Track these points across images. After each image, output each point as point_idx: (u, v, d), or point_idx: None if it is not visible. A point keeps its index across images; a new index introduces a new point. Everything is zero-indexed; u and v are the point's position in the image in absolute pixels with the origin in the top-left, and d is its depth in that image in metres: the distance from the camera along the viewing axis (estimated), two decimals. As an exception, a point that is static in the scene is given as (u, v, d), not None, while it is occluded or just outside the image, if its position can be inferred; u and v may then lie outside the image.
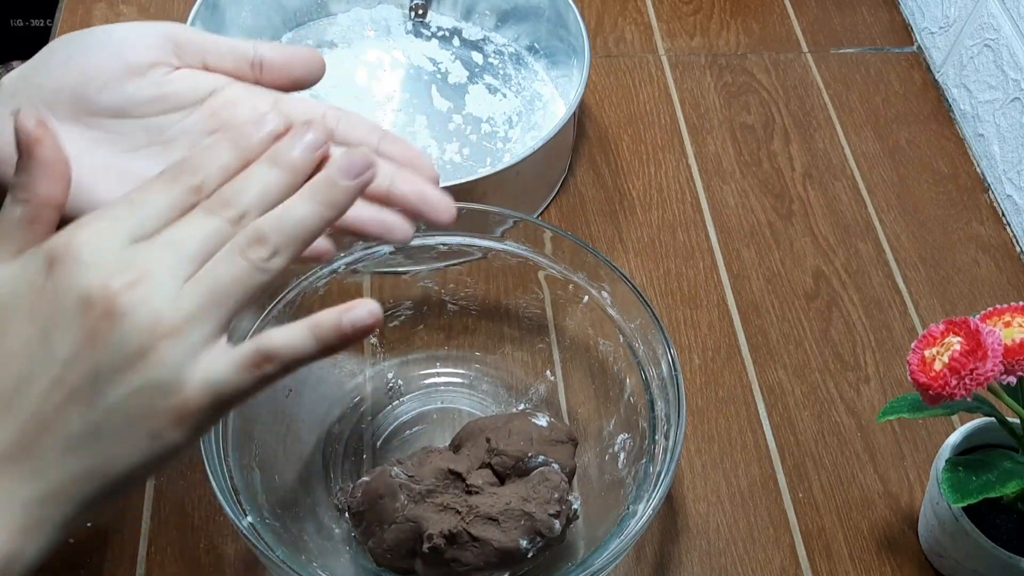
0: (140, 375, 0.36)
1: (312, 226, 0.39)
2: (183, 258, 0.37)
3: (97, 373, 0.36)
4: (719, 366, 0.70)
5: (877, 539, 0.63)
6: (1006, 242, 0.79)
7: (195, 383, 0.37)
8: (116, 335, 0.36)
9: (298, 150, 0.40)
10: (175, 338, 0.37)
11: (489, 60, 0.87)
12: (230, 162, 0.40)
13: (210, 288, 0.37)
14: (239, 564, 0.59)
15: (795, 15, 0.95)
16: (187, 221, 0.38)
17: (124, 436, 0.37)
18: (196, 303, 0.37)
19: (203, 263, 0.38)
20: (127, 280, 0.36)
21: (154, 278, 0.37)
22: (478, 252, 0.63)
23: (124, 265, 0.37)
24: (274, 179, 0.39)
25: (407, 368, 0.67)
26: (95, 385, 0.36)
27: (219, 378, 0.37)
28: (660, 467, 0.53)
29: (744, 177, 0.82)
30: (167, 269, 0.37)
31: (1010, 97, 0.81)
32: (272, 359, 0.38)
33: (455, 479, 0.55)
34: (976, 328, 0.49)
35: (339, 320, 0.39)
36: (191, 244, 0.38)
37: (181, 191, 0.39)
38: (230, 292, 0.38)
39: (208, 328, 0.37)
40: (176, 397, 0.37)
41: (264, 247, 0.38)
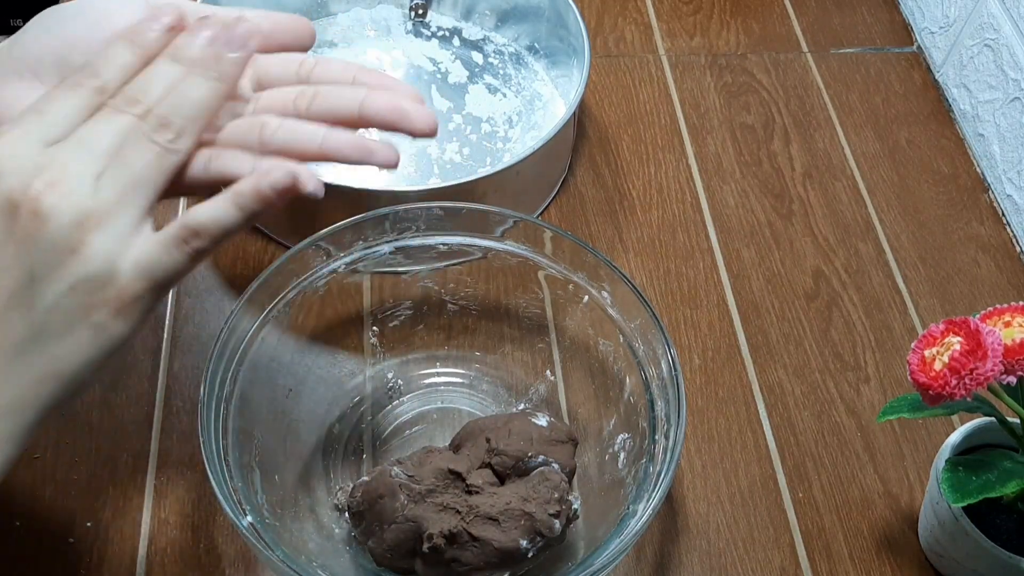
0: (74, 270, 0.37)
1: (208, 101, 0.41)
2: (97, 154, 0.39)
3: (32, 275, 0.37)
4: (719, 366, 0.70)
5: (877, 539, 0.63)
6: (1006, 242, 0.79)
7: (128, 269, 0.38)
8: (44, 234, 0.37)
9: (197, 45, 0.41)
10: (101, 229, 0.38)
11: (489, 60, 0.87)
12: (130, 61, 0.41)
13: (126, 176, 0.39)
14: (239, 564, 0.59)
15: (795, 15, 0.95)
16: (97, 120, 0.39)
17: (68, 333, 0.38)
18: (116, 192, 0.38)
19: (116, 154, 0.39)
20: (47, 180, 0.37)
21: (72, 175, 0.38)
22: (478, 252, 0.63)
23: (41, 167, 0.38)
24: (176, 74, 0.41)
25: (407, 368, 0.67)
26: (31, 287, 0.37)
27: (151, 260, 0.39)
28: (660, 467, 0.53)
29: (744, 177, 0.82)
30: (83, 165, 0.38)
31: (1010, 97, 0.81)
32: (199, 233, 0.39)
33: (455, 479, 0.55)
34: (976, 328, 0.49)
35: (258, 185, 0.40)
36: (103, 140, 0.39)
37: (85, 93, 0.40)
38: (146, 177, 0.39)
39: (131, 215, 0.39)
40: (112, 286, 0.38)
41: (169, 130, 0.40)
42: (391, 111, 0.44)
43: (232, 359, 0.56)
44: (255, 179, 0.40)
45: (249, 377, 0.57)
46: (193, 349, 0.68)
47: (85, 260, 0.37)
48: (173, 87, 0.40)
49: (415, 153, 0.80)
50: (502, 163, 0.70)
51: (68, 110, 0.39)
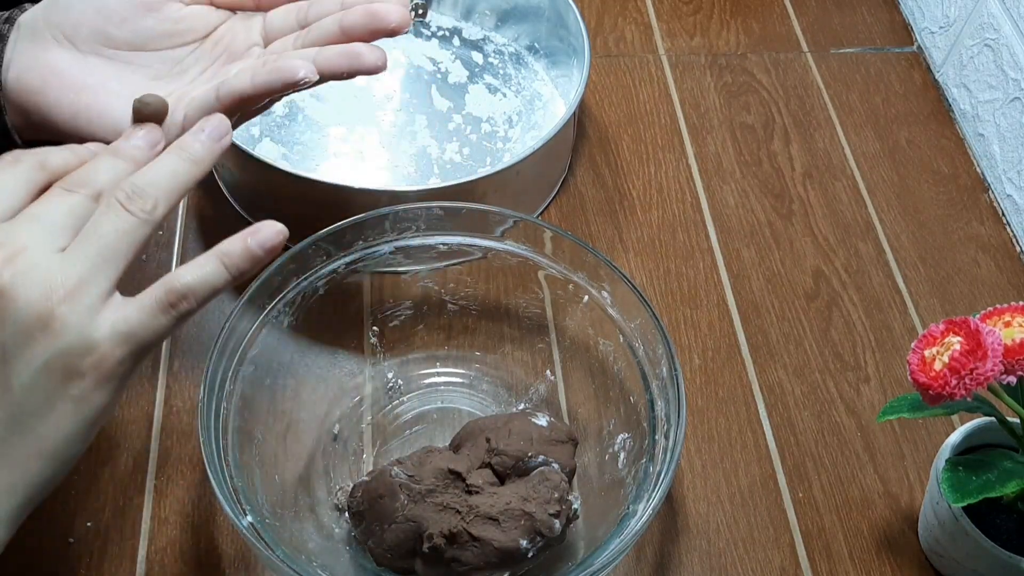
0: (46, 345, 0.36)
1: (184, 177, 0.41)
2: (54, 227, 0.38)
3: (3, 355, 0.36)
4: (719, 366, 0.70)
5: (877, 539, 0.63)
6: (1006, 242, 0.79)
7: (105, 338, 0.37)
8: (11, 312, 0.36)
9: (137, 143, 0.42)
10: (71, 300, 0.37)
11: (489, 60, 0.87)
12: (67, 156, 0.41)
13: (98, 246, 0.38)
14: (239, 564, 0.59)
15: (795, 15, 0.95)
16: (46, 199, 0.39)
17: (49, 410, 0.37)
18: (83, 263, 0.38)
19: (75, 229, 0.38)
20: (3, 257, 0.36)
21: (31, 249, 0.37)
22: (478, 252, 0.63)
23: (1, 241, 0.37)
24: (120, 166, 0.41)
25: (407, 368, 0.67)
26: (4, 367, 0.36)
27: (132, 326, 0.38)
28: (660, 467, 0.53)
29: (744, 177, 0.82)
30: (41, 239, 0.38)
31: (1010, 97, 0.81)
32: (187, 296, 0.39)
33: (455, 479, 0.55)
34: (976, 328, 0.49)
35: (246, 244, 0.40)
36: (57, 215, 0.38)
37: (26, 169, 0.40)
38: (118, 247, 0.38)
39: (103, 285, 0.38)
40: (89, 356, 0.37)
41: (144, 199, 0.39)
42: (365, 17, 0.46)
43: (232, 359, 0.56)
44: (242, 237, 0.40)
45: (249, 377, 0.57)
46: (193, 349, 0.68)
47: (57, 334, 0.36)
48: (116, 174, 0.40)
49: (415, 153, 0.80)
50: (502, 163, 0.70)
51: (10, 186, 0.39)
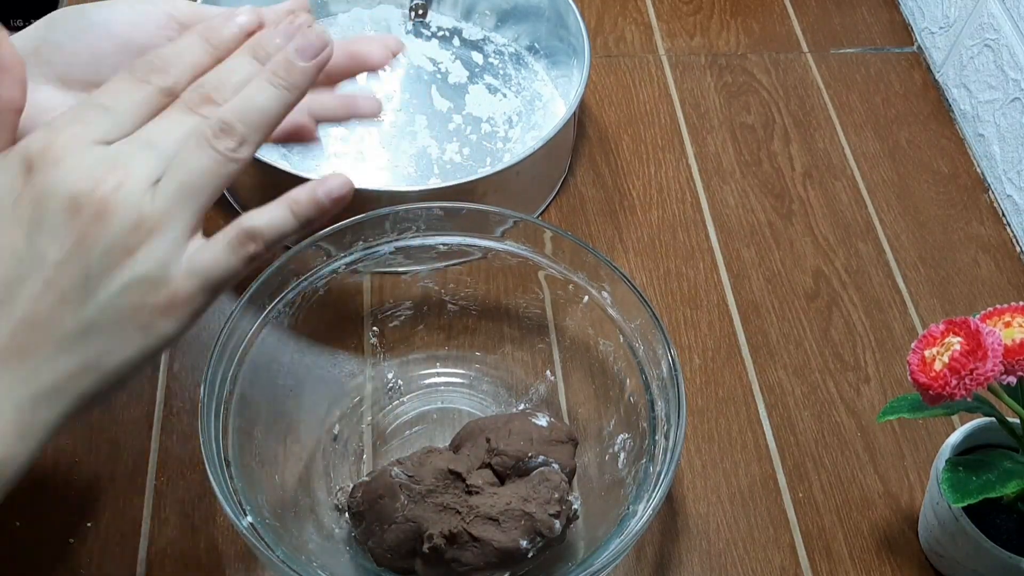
0: (128, 272, 0.38)
1: (275, 111, 0.40)
2: (163, 157, 0.38)
3: (87, 273, 0.37)
4: (719, 366, 0.70)
5: (877, 539, 0.63)
6: (1006, 242, 0.79)
7: (181, 273, 0.38)
8: (104, 235, 0.37)
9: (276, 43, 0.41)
10: (157, 232, 0.38)
11: (489, 60, 0.87)
12: (201, 60, 0.41)
13: (184, 181, 0.38)
14: (239, 564, 0.59)
15: (795, 15, 0.95)
16: (166, 119, 0.39)
17: (116, 331, 0.38)
18: (173, 197, 0.38)
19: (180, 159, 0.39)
20: (112, 181, 0.37)
21: (135, 178, 0.38)
22: (478, 252, 0.63)
23: (107, 167, 0.37)
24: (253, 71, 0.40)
25: (407, 368, 0.67)
26: (86, 285, 0.37)
27: (206, 264, 0.39)
28: (660, 467, 0.53)
29: (744, 177, 0.82)
30: (147, 168, 0.38)
31: (1010, 97, 0.81)
32: (256, 238, 0.39)
33: (455, 479, 0.55)
34: (976, 328, 0.49)
35: (314, 193, 0.40)
36: (170, 142, 0.39)
37: (152, 91, 0.39)
38: (203, 184, 0.39)
39: (187, 220, 0.39)
40: (165, 289, 0.38)
41: (231, 137, 0.39)
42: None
43: (232, 359, 0.56)
44: (311, 187, 0.40)
45: (249, 377, 0.57)
46: (193, 349, 0.68)
47: (139, 262, 0.38)
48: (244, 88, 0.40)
49: (415, 153, 0.80)
50: (502, 163, 0.70)
51: (133, 107, 0.39)
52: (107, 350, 0.39)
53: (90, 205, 0.37)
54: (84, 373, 0.39)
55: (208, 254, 0.39)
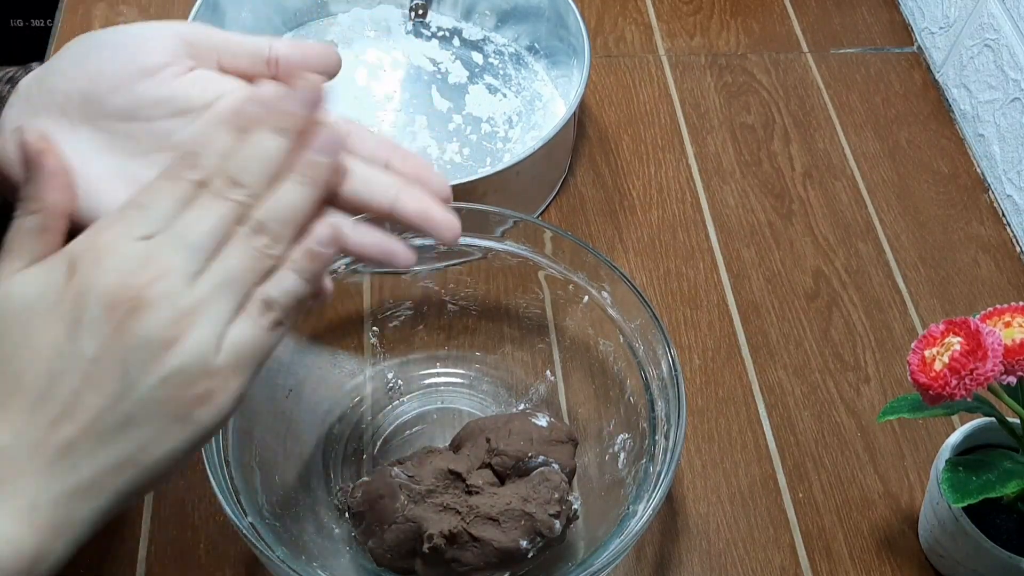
0: (167, 364, 0.38)
1: (303, 206, 0.41)
2: (197, 249, 0.39)
3: (126, 367, 0.38)
4: (719, 366, 0.70)
5: (877, 539, 0.63)
6: (1006, 242, 0.79)
7: (222, 361, 0.39)
8: (141, 329, 0.38)
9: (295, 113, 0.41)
10: (197, 325, 0.38)
11: (489, 60, 0.87)
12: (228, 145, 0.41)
13: (224, 274, 0.39)
14: (239, 564, 0.59)
15: (795, 15, 0.95)
16: (197, 208, 0.40)
17: (156, 424, 0.39)
18: (213, 289, 0.39)
19: (214, 249, 0.40)
20: (147, 277, 0.38)
21: (172, 272, 0.39)
22: (478, 252, 0.63)
23: (142, 262, 0.38)
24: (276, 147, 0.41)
25: (407, 368, 0.67)
26: (125, 378, 0.38)
27: (238, 347, 0.39)
28: (660, 467, 0.53)
29: (744, 177, 0.82)
30: (183, 262, 0.39)
31: (1010, 97, 0.81)
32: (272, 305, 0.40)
33: (455, 479, 0.55)
34: (976, 328, 0.49)
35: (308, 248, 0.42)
36: (203, 234, 0.39)
37: (186, 186, 0.40)
38: (242, 278, 0.40)
39: (225, 311, 0.39)
40: (204, 379, 0.39)
41: (264, 235, 0.40)
42: (420, 217, 0.46)
43: (232, 359, 0.56)
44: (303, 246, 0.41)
45: (249, 377, 0.57)
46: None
47: (178, 355, 0.38)
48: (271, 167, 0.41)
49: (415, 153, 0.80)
50: (502, 163, 0.70)
51: (169, 202, 0.40)
52: (146, 444, 0.39)
53: (126, 300, 0.38)
54: (123, 468, 0.39)
55: (239, 335, 0.40)
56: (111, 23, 0.89)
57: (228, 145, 0.41)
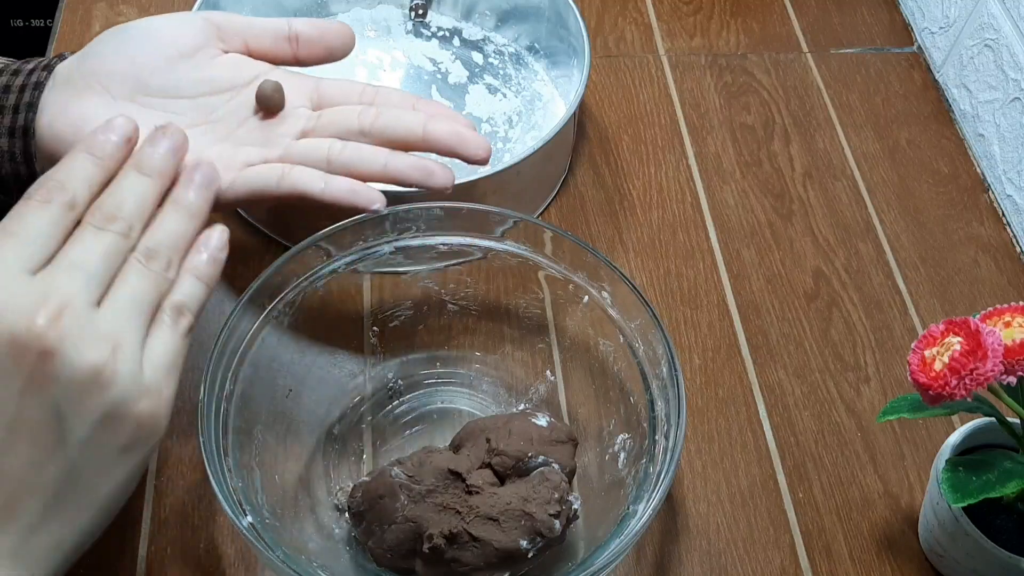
0: (101, 399, 0.36)
1: (186, 232, 0.42)
2: (92, 277, 0.38)
3: (56, 413, 0.36)
4: (719, 366, 0.70)
5: (877, 539, 0.63)
6: (1006, 242, 0.79)
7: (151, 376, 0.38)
8: (61, 372, 0.35)
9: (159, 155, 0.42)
10: (119, 351, 0.37)
11: (489, 60, 0.87)
12: (93, 173, 0.41)
13: (131, 297, 0.39)
14: (239, 564, 0.59)
15: (795, 15, 0.95)
16: (81, 241, 0.39)
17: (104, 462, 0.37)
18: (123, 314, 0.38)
19: (110, 277, 0.39)
20: (49, 314, 0.36)
21: (74, 304, 0.37)
22: (478, 252, 0.63)
23: (38, 299, 0.36)
24: (145, 186, 0.42)
25: (407, 368, 0.67)
26: (60, 427, 0.36)
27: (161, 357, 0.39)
28: (660, 467, 0.53)
29: (744, 177, 0.82)
30: (82, 292, 0.37)
31: (1010, 97, 0.81)
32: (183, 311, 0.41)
33: (455, 479, 0.55)
34: (976, 328, 0.49)
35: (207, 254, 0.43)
36: (94, 262, 0.38)
37: (56, 210, 0.39)
38: (148, 298, 0.40)
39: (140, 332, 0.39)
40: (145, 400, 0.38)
41: (158, 260, 0.41)
42: (452, 136, 0.48)
43: (232, 359, 0.56)
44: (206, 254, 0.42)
45: (249, 377, 0.57)
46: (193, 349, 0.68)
47: (110, 386, 0.36)
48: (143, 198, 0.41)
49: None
50: (502, 163, 0.70)
51: (44, 228, 0.38)
52: (98, 485, 0.38)
53: (32, 344, 0.35)
54: (82, 514, 0.38)
55: (160, 346, 0.39)
56: (111, 23, 0.89)
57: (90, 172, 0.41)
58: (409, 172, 0.47)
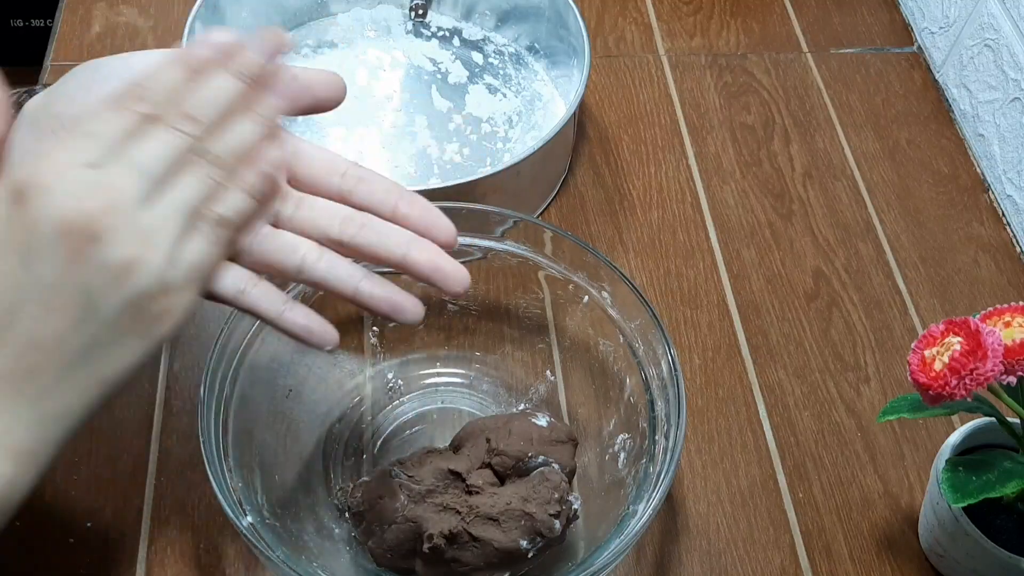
0: (128, 287, 0.39)
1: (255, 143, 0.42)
2: (149, 177, 0.39)
3: (88, 292, 0.38)
4: (719, 366, 0.70)
5: (877, 539, 0.63)
6: (1006, 242, 0.79)
7: (176, 278, 0.40)
8: (100, 256, 0.38)
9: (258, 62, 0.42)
10: (153, 246, 0.39)
11: (489, 60, 0.87)
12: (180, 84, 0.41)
13: (178, 198, 0.40)
14: (239, 564, 0.59)
15: (795, 15, 0.95)
16: (149, 139, 0.40)
17: (120, 343, 0.40)
18: (168, 213, 0.40)
19: (168, 176, 0.40)
20: (102, 202, 0.38)
21: (125, 197, 0.39)
22: (478, 252, 0.63)
23: (95, 188, 0.38)
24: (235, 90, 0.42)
25: (407, 368, 0.67)
26: (88, 304, 0.38)
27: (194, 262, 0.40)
28: (660, 467, 0.53)
29: (744, 177, 0.82)
30: (136, 186, 0.39)
31: (1010, 97, 0.81)
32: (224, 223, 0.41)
33: (455, 479, 0.55)
34: (976, 328, 0.49)
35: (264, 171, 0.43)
36: (155, 164, 0.40)
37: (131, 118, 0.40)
38: (196, 203, 0.41)
39: (180, 231, 0.40)
40: (163, 297, 0.40)
41: (220, 166, 0.41)
42: (430, 268, 0.46)
43: (232, 359, 0.56)
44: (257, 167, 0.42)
45: (249, 377, 0.57)
46: (193, 349, 0.68)
47: (139, 277, 0.39)
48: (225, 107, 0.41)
49: (415, 153, 0.80)
50: (502, 163, 0.70)
51: (117, 132, 0.40)
52: (110, 362, 0.40)
53: (81, 227, 0.38)
54: (90, 387, 0.40)
55: (194, 252, 0.40)
56: (111, 23, 0.89)
57: (177, 81, 0.41)
58: (380, 304, 0.46)
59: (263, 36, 0.43)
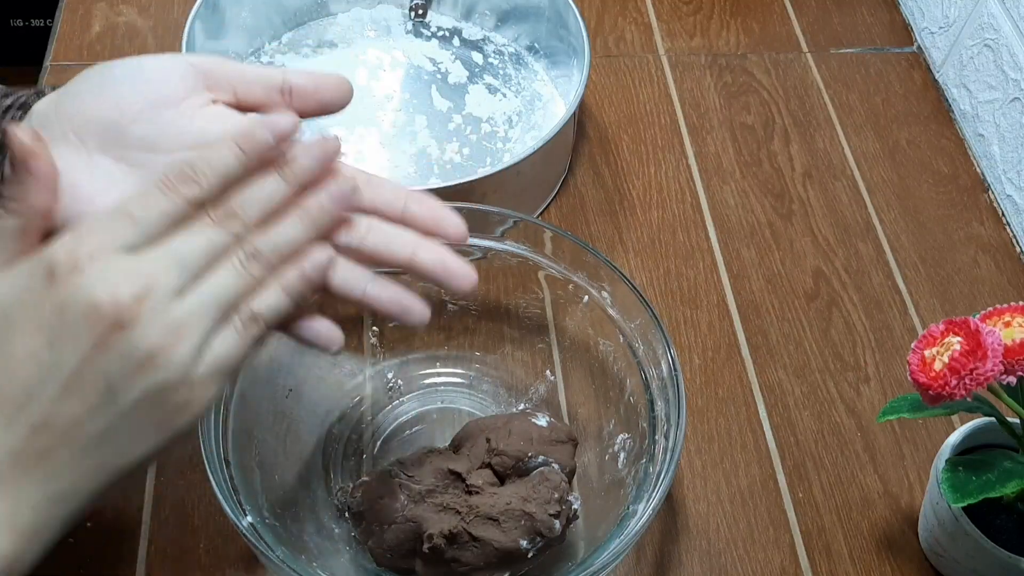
0: (150, 378, 0.38)
1: (299, 243, 0.42)
2: (186, 269, 0.39)
3: (108, 380, 0.38)
4: (719, 366, 0.70)
5: (877, 539, 0.63)
6: (1006, 242, 0.79)
7: (203, 374, 0.39)
8: (125, 343, 0.37)
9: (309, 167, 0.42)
10: (180, 340, 0.38)
11: (489, 60, 0.87)
12: (234, 170, 0.41)
13: (214, 295, 0.39)
14: (239, 564, 0.59)
15: (795, 15, 0.95)
16: (190, 231, 0.40)
17: (137, 432, 0.39)
18: (200, 308, 0.39)
19: (203, 268, 0.40)
20: (134, 291, 0.38)
21: (159, 287, 0.38)
22: (478, 252, 0.63)
23: (130, 275, 0.38)
24: (281, 193, 0.41)
25: (407, 368, 0.67)
26: (107, 391, 0.38)
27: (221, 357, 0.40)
28: (660, 467, 0.53)
29: (744, 177, 0.82)
30: (169, 280, 0.39)
31: (1010, 97, 0.81)
32: (258, 319, 0.41)
33: (455, 479, 0.55)
34: (976, 328, 0.49)
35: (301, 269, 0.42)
36: (193, 257, 0.39)
37: (178, 202, 0.40)
38: (230, 298, 0.40)
39: (210, 326, 0.39)
40: (185, 389, 0.39)
41: (259, 263, 0.41)
42: (437, 265, 0.46)
43: (232, 359, 0.56)
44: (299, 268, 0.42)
45: (249, 377, 0.57)
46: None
47: (162, 369, 0.38)
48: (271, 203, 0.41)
49: (415, 153, 0.80)
50: (502, 163, 0.70)
51: (161, 217, 0.39)
52: (125, 449, 0.39)
53: (110, 313, 0.37)
54: (99, 473, 0.39)
55: (222, 347, 0.40)
56: (111, 23, 0.89)
57: (230, 167, 0.40)
58: (388, 305, 0.46)
59: (320, 144, 0.42)
